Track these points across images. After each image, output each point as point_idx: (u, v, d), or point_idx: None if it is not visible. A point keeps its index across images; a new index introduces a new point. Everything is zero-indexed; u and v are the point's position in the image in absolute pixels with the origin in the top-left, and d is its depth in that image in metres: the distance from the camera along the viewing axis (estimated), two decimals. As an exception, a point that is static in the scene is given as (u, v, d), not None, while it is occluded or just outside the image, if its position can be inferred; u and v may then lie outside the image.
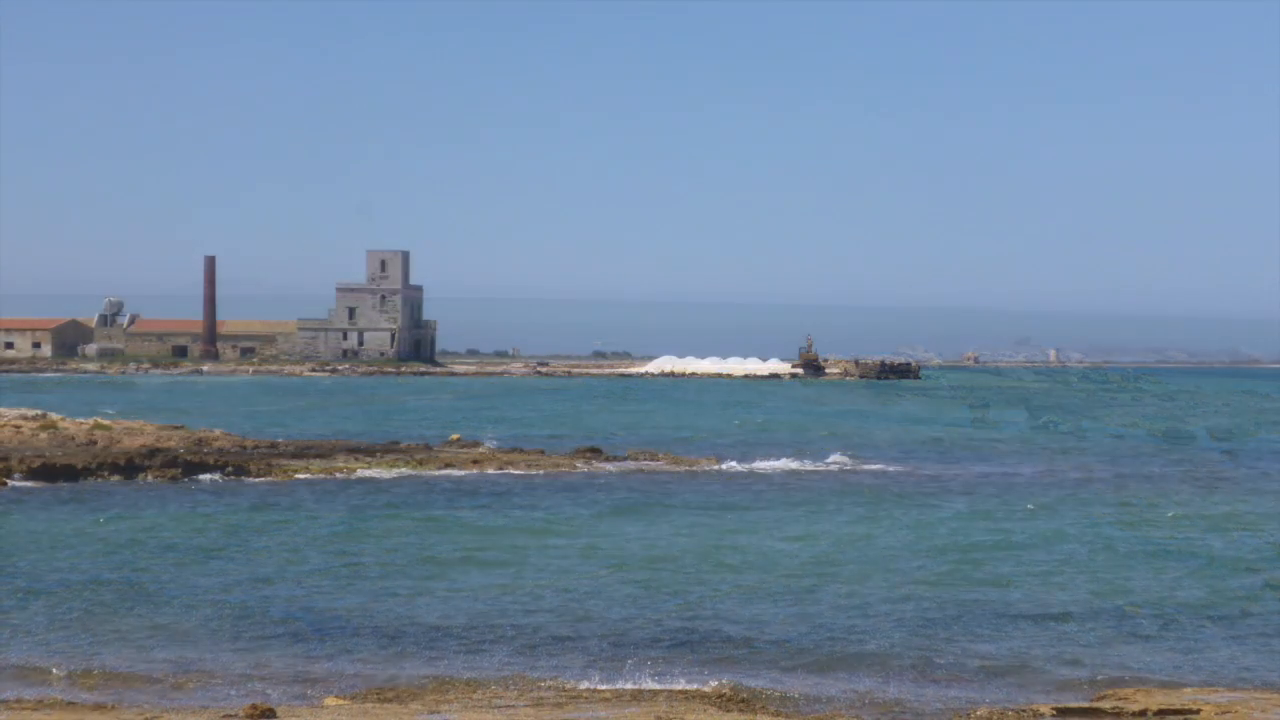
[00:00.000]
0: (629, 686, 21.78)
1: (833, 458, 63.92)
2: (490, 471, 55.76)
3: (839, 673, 23.42)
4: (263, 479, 52.10)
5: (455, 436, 69.78)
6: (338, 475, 53.69)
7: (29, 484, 49.03)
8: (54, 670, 23.18)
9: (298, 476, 52.82)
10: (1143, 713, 19.62)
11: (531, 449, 64.24)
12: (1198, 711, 19.56)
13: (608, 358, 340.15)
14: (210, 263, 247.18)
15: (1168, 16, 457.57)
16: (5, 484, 48.63)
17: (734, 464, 60.64)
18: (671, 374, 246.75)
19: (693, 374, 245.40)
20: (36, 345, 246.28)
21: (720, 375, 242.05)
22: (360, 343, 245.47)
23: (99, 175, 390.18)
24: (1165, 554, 35.71)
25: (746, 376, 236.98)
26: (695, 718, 19.46)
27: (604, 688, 21.65)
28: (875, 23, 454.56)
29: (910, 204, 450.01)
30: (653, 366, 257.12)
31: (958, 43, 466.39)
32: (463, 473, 55.42)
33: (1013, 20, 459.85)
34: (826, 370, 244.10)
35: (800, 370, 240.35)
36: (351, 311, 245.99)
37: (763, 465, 60.61)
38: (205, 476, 51.83)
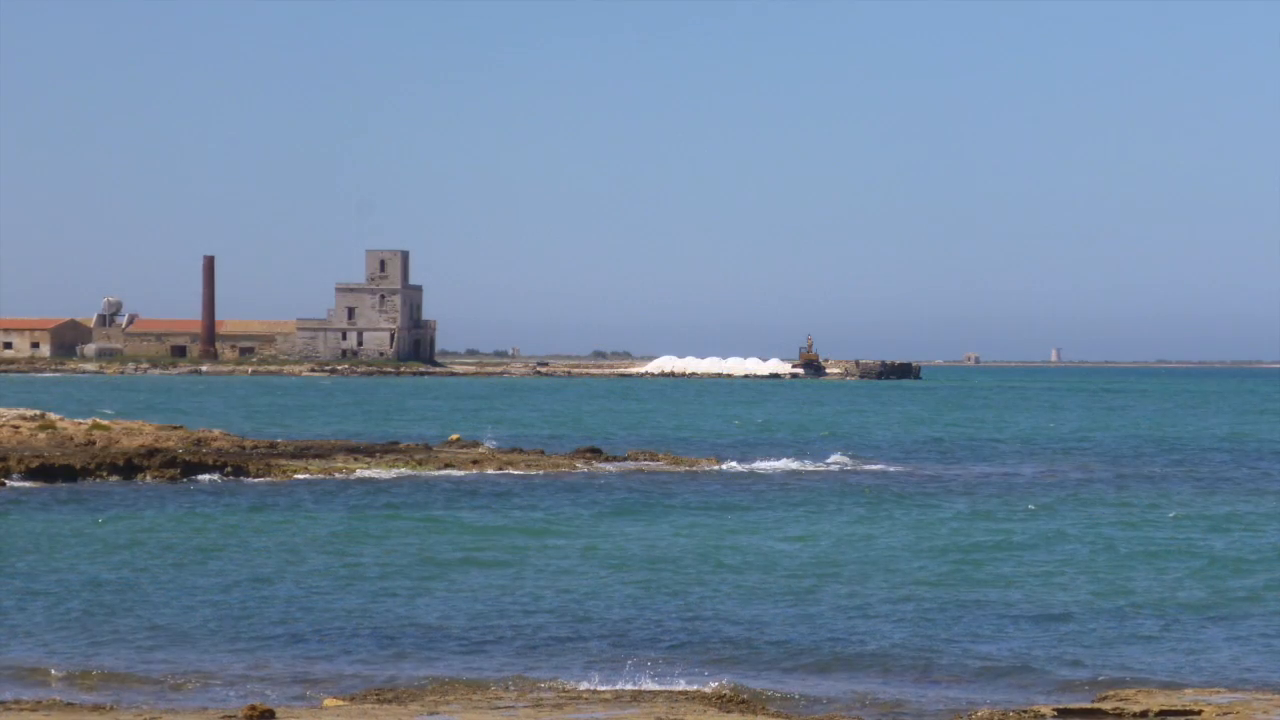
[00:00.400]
0: (629, 687, 21.73)
1: (833, 458, 63.86)
2: (490, 472, 55.70)
3: (839, 673, 23.36)
4: (262, 479, 52.03)
5: (455, 437, 69.71)
6: (337, 475, 53.62)
7: (27, 484, 48.96)
8: (53, 671, 23.11)
9: (297, 477, 52.76)
10: (1144, 713, 19.57)
11: (531, 449, 64.17)
12: (1199, 712, 19.52)
13: (608, 358, 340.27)
14: (209, 262, 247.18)
15: (1168, 15, 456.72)
16: (4, 484, 48.56)
17: (734, 464, 60.59)
18: (671, 374, 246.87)
19: (693, 374, 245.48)
20: (35, 345, 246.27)
21: (720, 375, 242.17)
22: (359, 343, 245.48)
23: (98, 174, 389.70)
24: (1166, 554, 35.66)
25: (747, 376, 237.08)
26: (695, 718, 19.40)
27: (604, 689, 21.60)
28: (875, 26, 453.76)
29: (911, 204, 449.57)
30: (653, 366, 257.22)
31: (956, 43, 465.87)
32: (462, 473, 55.36)
33: (1010, 20, 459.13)
34: (827, 370, 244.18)
35: (800, 370, 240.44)
36: (351, 311, 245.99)
37: (763, 465, 60.55)
38: (204, 477, 51.75)
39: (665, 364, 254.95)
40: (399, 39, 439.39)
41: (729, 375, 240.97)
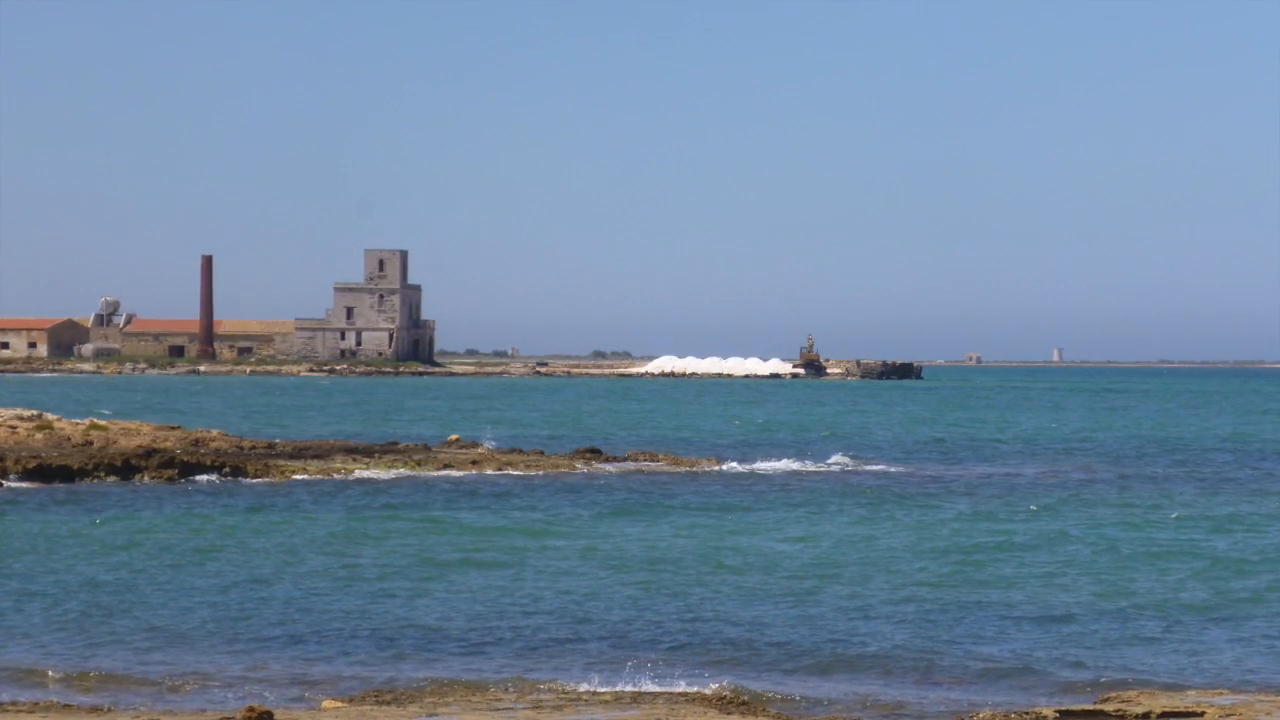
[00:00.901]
0: (629, 689, 21.65)
1: (834, 458, 63.76)
2: (489, 472, 55.58)
3: (840, 675, 23.28)
4: (260, 480, 51.92)
5: (454, 437, 69.60)
6: (335, 476, 53.50)
7: (24, 485, 48.86)
8: (50, 673, 23.03)
9: (295, 477, 52.64)
10: (1146, 715, 19.48)
11: (531, 449, 64.06)
12: (1202, 714, 19.43)
13: (607, 358, 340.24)
14: (207, 262, 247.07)
15: (1169, 15, 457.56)
16: (1, 485, 48.47)
17: (734, 464, 60.49)
18: (671, 374, 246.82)
19: (693, 374, 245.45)
20: (32, 345, 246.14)
21: (720, 375, 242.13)
22: (358, 343, 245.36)
23: (97, 174, 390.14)
24: (1169, 555, 35.57)
25: (747, 376, 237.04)
26: (696, 721, 19.30)
27: (604, 690, 21.51)
28: (876, 25, 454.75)
29: (912, 203, 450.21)
30: (653, 366, 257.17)
31: (957, 43, 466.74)
32: (461, 473, 55.25)
33: (1011, 20, 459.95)
34: (828, 370, 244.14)
35: (801, 370, 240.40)
36: (349, 311, 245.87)
37: (763, 466, 60.44)
38: (202, 477, 51.64)
39: (665, 364, 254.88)
40: (399, 39, 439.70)
41: (729, 375, 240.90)
